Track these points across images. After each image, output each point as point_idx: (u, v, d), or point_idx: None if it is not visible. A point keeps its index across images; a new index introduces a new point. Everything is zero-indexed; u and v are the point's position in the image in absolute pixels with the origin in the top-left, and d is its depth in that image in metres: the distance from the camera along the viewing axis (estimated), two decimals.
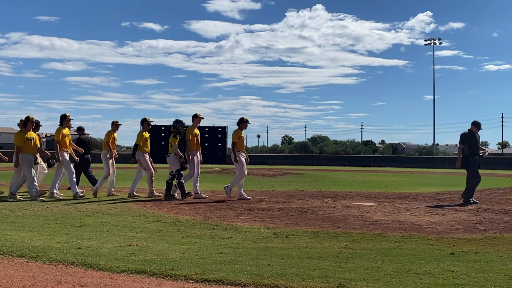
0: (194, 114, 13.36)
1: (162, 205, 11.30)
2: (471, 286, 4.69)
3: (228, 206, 11.13)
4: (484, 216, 9.99)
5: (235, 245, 6.56)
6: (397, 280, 4.88)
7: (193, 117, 13.36)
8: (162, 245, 6.52)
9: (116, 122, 13.96)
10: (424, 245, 6.79)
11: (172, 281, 4.87)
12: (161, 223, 8.56)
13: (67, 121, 13.10)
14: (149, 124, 13.61)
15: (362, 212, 10.30)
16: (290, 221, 8.95)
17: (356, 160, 54.02)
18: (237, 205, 11.43)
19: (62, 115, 13.12)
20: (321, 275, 5.01)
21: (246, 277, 4.90)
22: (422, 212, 10.56)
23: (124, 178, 17.47)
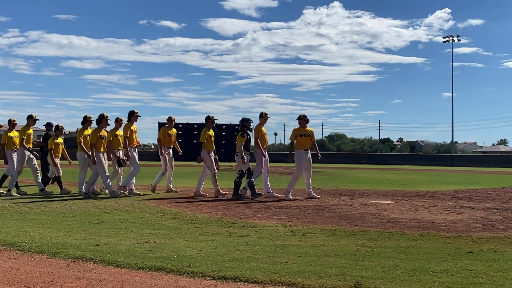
0: (260, 113, 13.14)
1: (180, 202, 11.35)
2: (489, 285, 4.65)
3: (245, 204, 11.15)
4: (504, 214, 9.88)
5: (252, 243, 6.57)
6: (414, 278, 4.85)
7: (260, 116, 13.11)
8: (179, 242, 6.55)
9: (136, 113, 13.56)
10: (442, 243, 6.74)
11: (190, 278, 4.89)
12: (178, 220, 8.61)
13: (135, 117, 13.30)
14: (212, 122, 13.32)
15: (379, 210, 10.25)
16: (307, 219, 8.94)
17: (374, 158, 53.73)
18: (255, 203, 11.45)
19: (130, 111, 13.30)
20: (338, 273, 5.00)
21: (263, 275, 4.91)
22: (440, 210, 10.47)
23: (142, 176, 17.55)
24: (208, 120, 13.30)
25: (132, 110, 13.35)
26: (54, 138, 13.72)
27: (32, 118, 13.32)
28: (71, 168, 13.98)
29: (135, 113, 13.31)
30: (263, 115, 13.06)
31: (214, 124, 13.44)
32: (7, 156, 12.80)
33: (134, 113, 13.29)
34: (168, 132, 13.89)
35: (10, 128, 12.99)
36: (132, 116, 13.26)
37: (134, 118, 13.31)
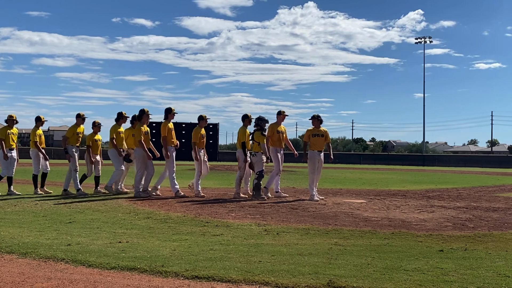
0: (278, 111, 12.98)
1: (153, 202, 11.28)
2: (460, 283, 4.73)
3: (219, 203, 11.14)
4: (473, 213, 10.06)
5: (226, 242, 6.57)
6: (386, 276, 4.91)
7: (277, 114, 12.96)
8: (152, 242, 6.51)
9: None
10: (413, 242, 6.83)
11: (163, 278, 4.87)
12: (151, 220, 8.55)
13: (172, 115, 12.91)
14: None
15: (352, 209, 10.34)
16: (281, 218, 8.97)
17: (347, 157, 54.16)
18: (228, 202, 11.44)
19: (167, 108, 12.88)
20: (311, 272, 5.03)
21: (236, 274, 4.91)
22: (412, 209, 10.62)
23: None
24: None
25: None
26: (92, 134, 13.50)
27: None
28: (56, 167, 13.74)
29: (172, 110, 12.86)
30: (281, 113, 12.95)
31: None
32: None
33: (171, 110, 12.83)
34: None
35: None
36: (169, 114, 12.82)
37: (171, 115, 12.88)
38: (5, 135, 12.64)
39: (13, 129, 12.99)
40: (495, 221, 9.04)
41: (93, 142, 13.37)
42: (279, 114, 12.93)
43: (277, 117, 12.94)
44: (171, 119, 12.83)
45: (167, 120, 12.72)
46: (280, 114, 12.91)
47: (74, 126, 13.07)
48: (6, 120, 13.04)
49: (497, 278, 4.88)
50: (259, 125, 12.48)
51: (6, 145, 12.58)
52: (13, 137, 12.85)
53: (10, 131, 12.80)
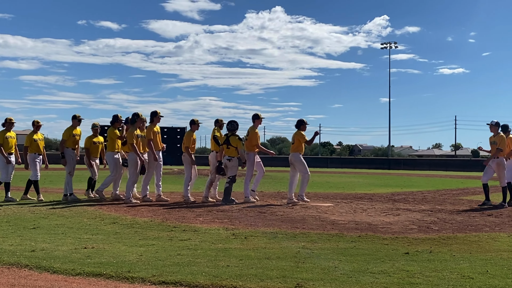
0: (254, 114, 12.82)
1: (119, 207, 11.14)
2: (425, 285, 4.80)
3: (187, 208, 11.07)
4: (438, 216, 10.23)
5: (194, 247, 6.53)
6: (353, 279, 4.95)
7: (255, 118, 12.77)
8: (118, 248, 6.43)
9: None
10: (379, 244, 6.91)
11: (129, 284, 4.81)
12: (117, 225, 8.45)
13: (158, 118, 12.63)
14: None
15: (319, 213, 10.40)
16: (249, 222, 8.97)
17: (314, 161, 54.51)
18: (196, 206, 11.38)
19: (152, 112, 12.62)
20: (279, 276, 5.04)
21: (204, 279, 4.89)
22: (378, 212, 10.74)
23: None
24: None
25: (155, 111, 12.61)
26: (91, 137, 13.15)
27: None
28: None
29: (158, 113, 12.59)
30: (258, 116, 12.87)
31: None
32: None
33: (156, 113, 12.58)
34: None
35: None
36: (155, 117, 12.58)
37: (157, 119, 12.62)
38: (3, 139, 12.34)
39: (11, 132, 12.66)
40: (459, 223, 9.21)
41: (91, 145, 13.06)
42: (257, 118, 12.88)
43: (255, 121, 12.84)
44: (156, 122, 12.62)
45: (152, 124, 12.53)
46: (258, 118, 12.88)
47: (70, 128, 12.78)
48: (3, 124, 12.68)
49: (461, 280, 4.97)
50: (233, 129, 12.41)
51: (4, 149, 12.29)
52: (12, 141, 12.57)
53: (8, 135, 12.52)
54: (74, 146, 12.73)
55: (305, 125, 12.72)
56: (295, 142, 12.58)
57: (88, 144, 13.05)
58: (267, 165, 13.69)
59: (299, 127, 12.69)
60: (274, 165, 36.58)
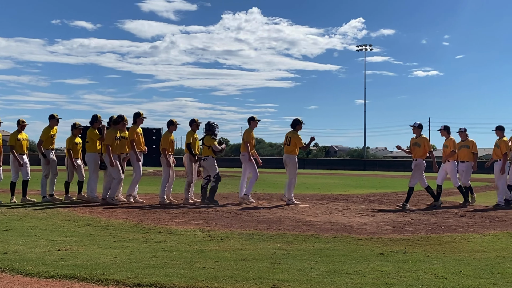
0: (250, 117, 12.79)
1: (93, 208, 11.02)
2: (399, 285, 4.84)
3: (163, 209, 11.00)
4: (412, 217, 10.34)
5: (169, 249, 6.49)
6: (329, 280, 4.98)
7: (250, 120, 12.76)
8: (93, 250, 6.36)
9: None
10: (355, 245, 6.96)
11: (104, 286, 4.76)
12: (92, 227, 8.35)
13: (141, 119, 12.49)
14: (197, 125, 12.70)
15: (295, 214, 10.44)
16: (225, 223, 8.95)
17: None
18: (172, 208, 11.32)
19: (135, 113, 12.48)
20: (255, 277, 5.04)
21: (180, 281, 4.86)
22: (353, 213, 10.82)
23: None
24: (193, 123, 12.66)
25: (138, 112, 12.51)
26: (72, 138, 12.87)
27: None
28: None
29: (141, 114, 12.50)
30: (254, 118, 12.83)
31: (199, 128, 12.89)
32: None
33: (139, 114, 12.48)
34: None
35: None
36: (138, 118, 12.46)
37: (140, 120, 12.50)
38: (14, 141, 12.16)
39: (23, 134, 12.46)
40: (432, 224, 9.32)
41: (73, 146, 12.81)
42: (252, 120, 12.84)
43: (251, 123, 12.82)
44: (139, 123, 12.52)
45: (135, 125, 12.41)
46: (254, 120, 12.84)
47: (48, 128, 12.57)
48: None
49: (435, 280, 5.03)
50: (210, 130, 12.41)
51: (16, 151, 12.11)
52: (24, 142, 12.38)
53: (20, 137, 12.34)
54: (51, 146, 12.56)
55: (301, 125, 12.70)
56: (291, 143, 12.51)
57: (70, 145, 12.84)
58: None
59: (295, 127, 12.68)
60: None
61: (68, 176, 12.88)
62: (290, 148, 12.50)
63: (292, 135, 12.53)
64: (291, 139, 12.48)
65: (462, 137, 13.09)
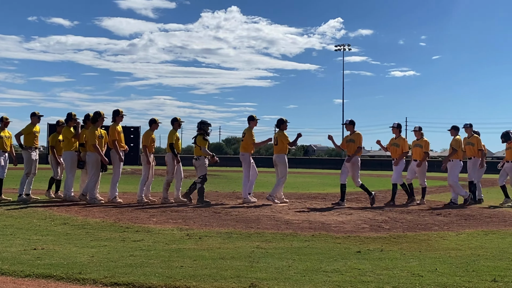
0: (250, 116, 12.82)
1: (70, 207, 10.90)
2: (376, 283, 4.89)
3: (140, 208, 10.94)
4: (389, 215, 10.45)
5: (147, 248, 6.46)
6: (306, 278, 5.00)
7: (250, 119, 12.77)
8: (69, 249, 6.30)
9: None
10: (332, 243, 7.00)
11: (80, 285, 4.72)
12: (68, 226, 8.27)
13: (120, 117, 12.25)
14: (179, 124, 12.63)
15: (274, 212, 10.46)
16: (204, 222, 8.94)
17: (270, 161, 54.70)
18: (150, 207, 11.26)
19: (115, 110, 12.23)
20: (234, 275, 5.04)
21: (157, 280, 4.84)
22: (331, 211, 10.88)
23: None
24: (175, 122, 12.56)
25: (117, 110, 12.26)
26: (56, 135, 12.65)
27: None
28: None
29: (120, 112, 12.26)
30: (254, 118, 12.81)
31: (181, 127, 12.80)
32: None
33: (119, 112, 12.24)
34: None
35: None
36: (117, 116, 12.23)
37: (120, 118, 12.27)
38: None
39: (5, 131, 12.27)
40: (409, 222, 9.43)
41: (56, 143, 12.60)
42: (252, 120, 12.83)
43: (250, 122, 12.81)
44: (119, 121, 12.30)
45: (115, 123, 12.20)
46: (254, 120, 12.83)
47: (30, 125, 12.36)
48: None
49: (411, 278, 5.09)
50: (202, 129, 12.36)
51: None
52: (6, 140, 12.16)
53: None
54: (34, 144, 12.38)
55: (285, 124, 12.73)
56: (279, 143, 12.52)
57: (54, 142, 12.65)
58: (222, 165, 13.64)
59: (280, 127, 12.71)
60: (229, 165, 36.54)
61: (54, 173, 12.71)
62: (279, 148, 12.54)
63: (279, 134, 12.57)
64: (278, 138, 12.53)
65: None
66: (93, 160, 11.76)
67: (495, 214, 11.07)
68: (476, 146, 13.16)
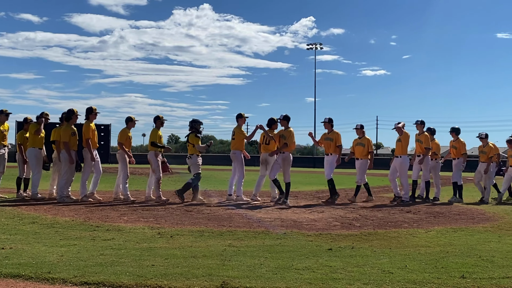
0: (238, 114, 12.79)
1: (39, 206, 10.73)
2: (347, 280, 4.93)
3: (111, 207, 10.82)
4: (360, 213, 10.55)
5: (118, 246, 6.40)
6: (278, 276, 5.02)
7: (238, 117, 12.78)
8: (38, 248, 6.20)
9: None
10: (304, 241, 7.04)
11: (50, 285, 4.65)
12: (37, 225, 8.13)
13: (94, 115, 12.06)
14: (162, 122, 12.59)
15: (246, 210, 10.47)
16: (175, 220, 8.89)
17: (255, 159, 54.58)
18: (120, 205, 11.16)
19: (88, 108, 12.05)
20: (205, 274, 5.02)
21: (128, 279, 4.79)
22: (303, 209, 10.94)
23: None
24: (157, 120, 12.54)
25: (90, 107, 12.08)
26: (23, 132, 12.39)
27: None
28: None
29: (94, 110, 12.07)
30: (242, 115, 12.80)
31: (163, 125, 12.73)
32: None
33: (92, 110, 12.06)
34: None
35: None
36: (91, 114, 12.06)
37: (93, 116, 12.10)
38: None
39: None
40: (379, 220, 9.54)
41: (24, 141, 12.36)
42: (240, 117, 12.82)
43: (239, 120, 12.84)
44: (93, 119, 12.15)
45: (88, 121, 12.04)
46: (242, 117, 12.85)
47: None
48: None
49: (381, 275, 5.15)
50: (194, 127, 12.32)
51: None
52: None
53: None
54: (2, 141, 12.14)
55: (276, 124, 12.84)
56: (270, 143, 12.59)
57: (21, 140, 12.42)
58: None
59: (271, 127, 12.78)
60: None
61: (20, 172, 12.47)
62: (270, 147, 12.67)
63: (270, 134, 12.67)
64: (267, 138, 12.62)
65: (359, 134, 13.33)
66: (66, 158, 11.59)
67: (463, 211, 11.28)
68: (424, 144, 13.39)
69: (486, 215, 10.59)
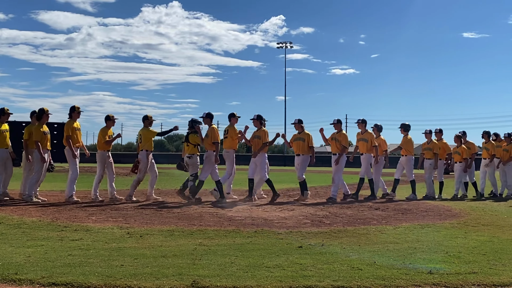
0: (231, 113, 12.73)
1: (5, 206, 10.52)
2: (317, 277, 4.97)
3: (79, 207, 10.67)
4: (330, 210, 10.63)
5: (86, 247, 6.32)
6: (249, 274, 5.03)
7: (231, 116, 12.73)
8: (4, 249, 6.08)
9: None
10: (275, 239, 7.06)
11: (17, 286, 4.57)
12: (3, 225, 7.97)
13: (77, 114, 11.78)
14: (150, 122, 12.48)
15: (217, 209, 10.44)
16: (145, 220, 8.82)
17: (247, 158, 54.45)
18: (89, 205, 11.02)
19: (71, 107, 11.75)
20: (175, 273, 5.00)
21: (97, 279, 4.74)
22: (273, 207, 10.97)
23: None
24: (145, 120, 12.39)
25: (73, 106, 11.82)
26: None
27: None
28: None
29: (76, 108, 11.81)
30: (234, 115, 12.75)
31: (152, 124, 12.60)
32: None
33: (75, 108, 11.80)
34: None
35: None
36: (74, 113, 11.78)
37: (76, 114, 11.82)
38: None
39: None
40: (349, 217, 9.63)
41: None
42: (233, 116, 12.78)
43: (231, 119, 12.80)
44: (76, 118, 11.90)
45: (71, 119, 11.80)
46: (234, 116, 12.81)
47: None
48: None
49: (351, 272, 5.20)
50: (193, 127, 12.22)
51: None
52: None
53: None
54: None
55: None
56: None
57: None
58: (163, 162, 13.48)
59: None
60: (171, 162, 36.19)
61: None
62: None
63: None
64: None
65: (298, 129, 13.40)
66: (38, 157, 11.39)
67: (430, 208, 11.47)
68: (369, 142, 13.63)
69: (452, 212, 10.79)
